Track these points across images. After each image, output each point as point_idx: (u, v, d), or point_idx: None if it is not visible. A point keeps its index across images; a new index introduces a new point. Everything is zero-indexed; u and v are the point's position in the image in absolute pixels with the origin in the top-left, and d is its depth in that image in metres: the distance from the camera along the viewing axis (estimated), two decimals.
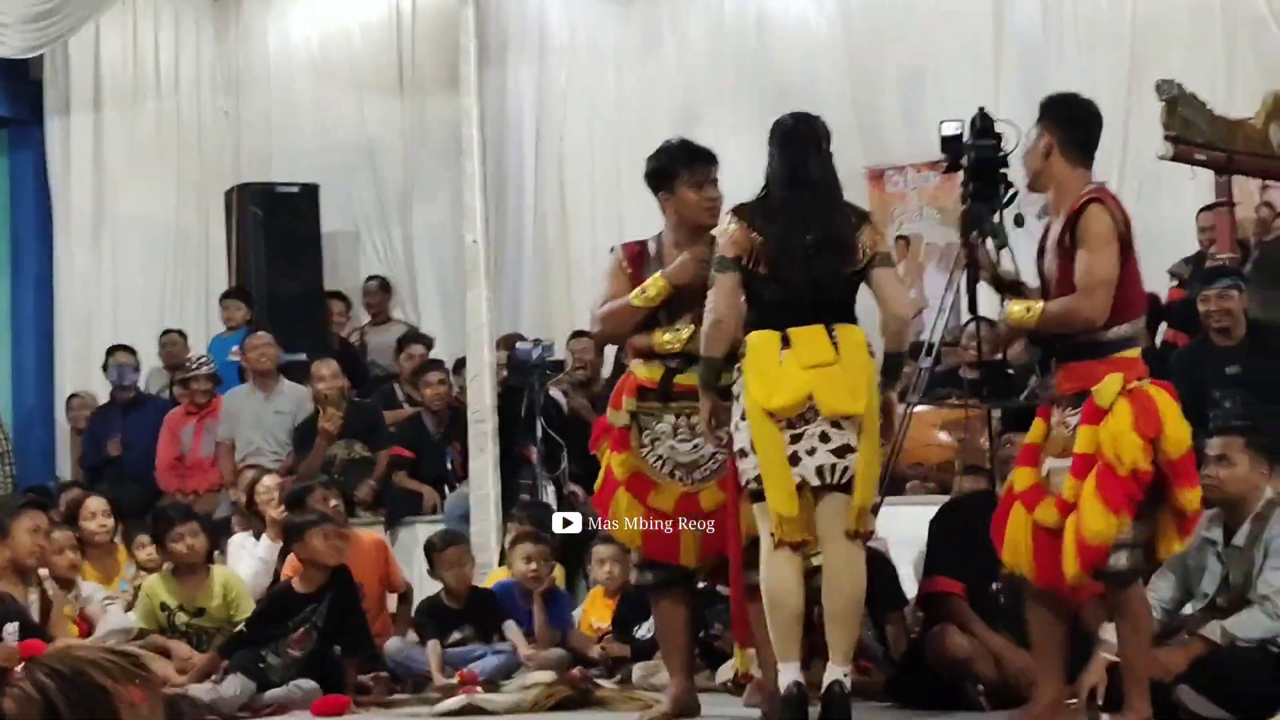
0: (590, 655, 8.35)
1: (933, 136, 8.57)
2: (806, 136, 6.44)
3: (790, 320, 6.22)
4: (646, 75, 12.83)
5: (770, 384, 6.16)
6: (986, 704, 6.82)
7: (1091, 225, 5.75)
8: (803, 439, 6.18)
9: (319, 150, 13.82)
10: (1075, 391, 5.78)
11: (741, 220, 6.28)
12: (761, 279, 6.26)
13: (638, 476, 6.64)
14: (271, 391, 11.22)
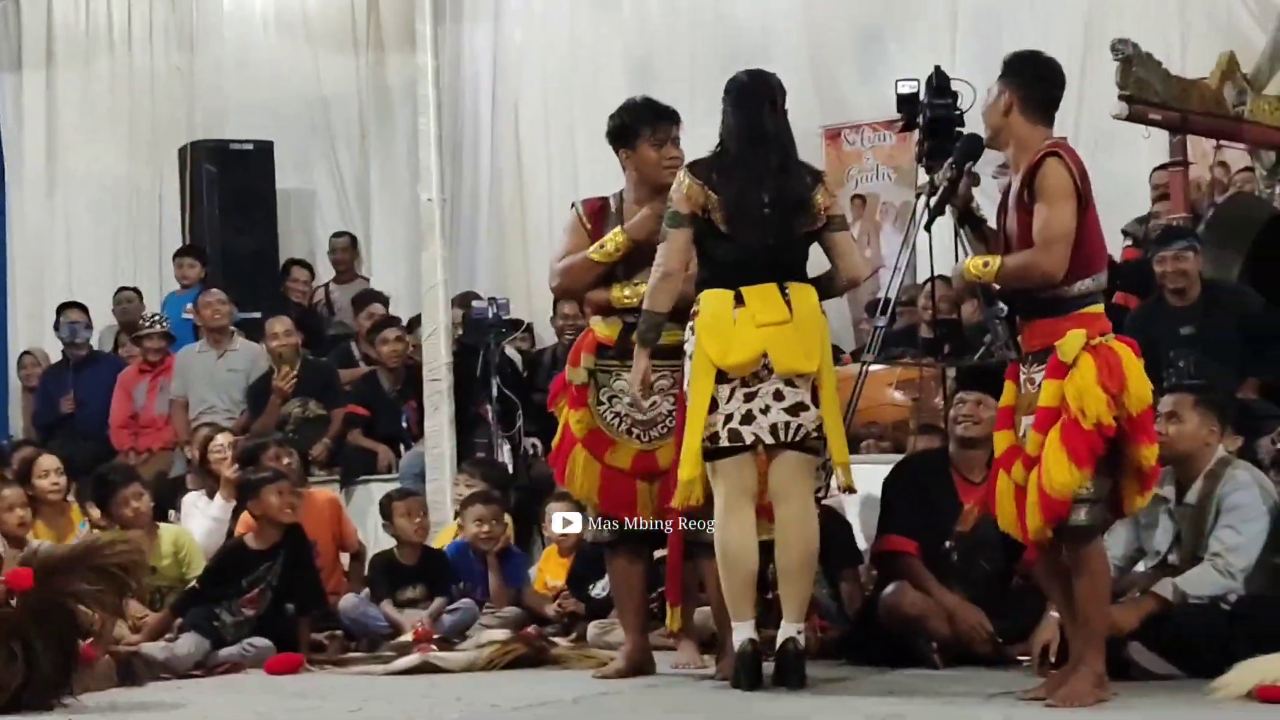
0: (545, 614, 8.36)
1: (889, 96, 8.59)
2: (762, 93, 6.42)
3: (744, 279, 6.22)
4: (602, 34, 12.79)
5: (724, 342, 6.17)
6: (939, 661, 6.85)
7: (1049, 179, 5.74)
8: (756, 397, 6.20)
9: (274, 107, 13.74)
10: (1041, 348, 5.78)
11: (696, 177, 6.27)
12: (716, 236, 6.25)
13: (595, 434, 6.65)
14: (225, 349, 11.16)
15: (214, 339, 11.19)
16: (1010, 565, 7.08)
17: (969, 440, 7.13)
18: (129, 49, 14.34)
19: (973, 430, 7.11)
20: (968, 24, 11.49)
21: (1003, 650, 6.87)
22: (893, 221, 11.78)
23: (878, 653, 6.97)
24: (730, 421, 6.22)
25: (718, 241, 6.25)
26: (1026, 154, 5.86)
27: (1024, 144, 5.90)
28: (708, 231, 6.26)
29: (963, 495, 7.11)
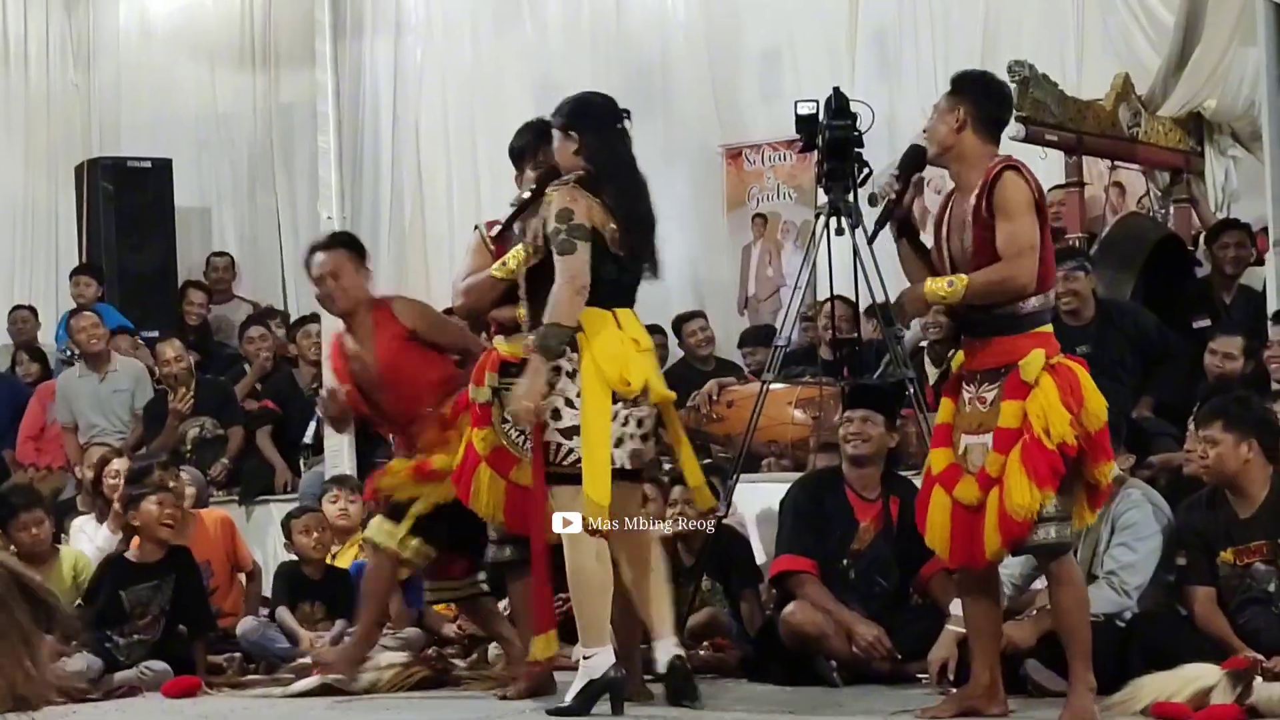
0: (445, 634, 8.33)
1: (789, 115, 8.63)
2: (619, 114, 6.40)
3: (617, 300, 6.23)
4: (503, 52, 12.78)
5: (623, 365, 6.14)
6: (839, 679, 6.88)
7: (1010, 193, 5.70)
8: (628, 423, 6.20)
9: (171, 124, 13.66)
10: (994, 366, 5.73)
11: (590, 193, 6.20)
12: (606, 255, 6.19)
13: (500, 452, 6.59)
14: (106, 371, 11.00)
15: (92, 362, 11.04)
16: (905, 584, 7.14)
17: (858, 459, 7.17)
18: (24, 65, 14.20)
19: (861, 448, 7.15)
20: (866, 45, 11.57)
21: (902, 668, 6.91)
22: (794, 240, 11.84)
23: (778, 672, 7.00)
24: (620, 445, 6.19)
25: (608, 260, 6.20)
26: (976, 171, 5.80)
27: (973, 162, 5.85)
28: (603, 250, 6.20)
29: (858, 513, 7.15)
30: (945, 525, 5.81)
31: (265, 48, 13.59)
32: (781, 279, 11.73)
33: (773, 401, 8.61)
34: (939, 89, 10.93)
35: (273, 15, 13.55)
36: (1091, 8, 10.75)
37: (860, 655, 6.91)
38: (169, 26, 14.03)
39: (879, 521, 7.13)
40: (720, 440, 9.34)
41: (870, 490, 7.16)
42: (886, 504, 7.14)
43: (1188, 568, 6.54)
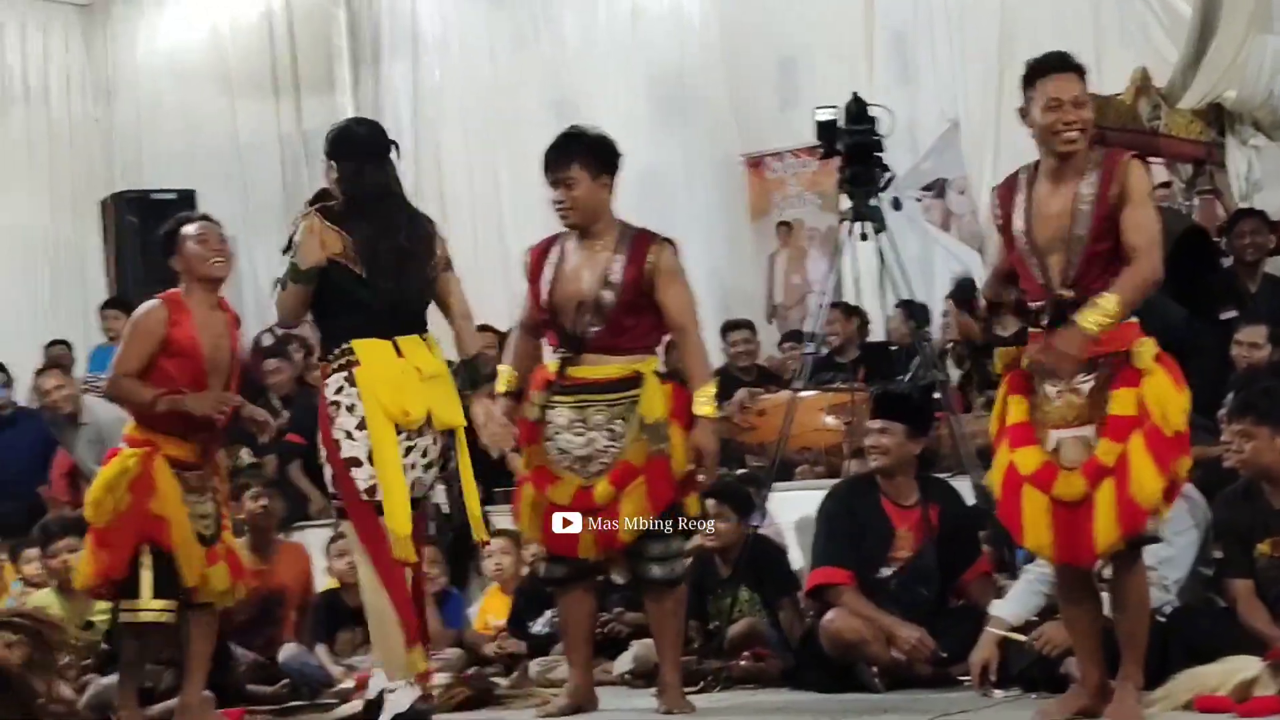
0: (486, 654, 8.34)
1: (809, 122, 8.63)
2: (383, 144, 6.36)
3: (395, 329, 6.17)
4: (521, 69, 12.83)
5: (402, 395, 6.11)
6: (881, 685, 6.87)
7: (1140, 181, 5.55)
8: (411, 453, 6.16)
9: (195, 155, 13.74)
10: (1091, 357, 5.48)
11: (331, 222, 6.15)
12: (358, 283, 6.14)
13: (541, 470, 6.51)
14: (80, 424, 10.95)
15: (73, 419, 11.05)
16: (946, 590, 7.12)
17: (879, 470, 7.15)
18: (46, 102, 14.33)
19: (879, 460, 7.11)
20: (884, 48, 11.58)
21: (943, 672, 6.90)
22: (819, 247, 11.84)
23: (819, 680, 6.98)
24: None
25: (356, 288, 6.15)
26: (1081, 158, 5.58)
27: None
28: (352, 277, 6.15)
29: (895, 520, 7.11)
30: (1046, 525, 5.54)
31: (286, 76, 13.64)
32: (808, 286, 11.74)
33: (804, 409, 8.61)
34: (957, 90, 11.12)
35: (293, 43, 13.60)
36: (1108, 2, 10.75)
37: (902, 660, 6.89)
38: (189, 58, 14.11)
39: (919, 529, 7.09)
40: (753, 449, 9.34)
41: (906, 497, 7.13)
42: (925, 511, 7.11)
43: (1225, 561, 6.50)
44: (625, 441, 6.34)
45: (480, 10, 13.07)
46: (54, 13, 14.53)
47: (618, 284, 6.35)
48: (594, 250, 6.46)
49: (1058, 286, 5.54)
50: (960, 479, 8.20)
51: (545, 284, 6.50)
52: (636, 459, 6.32)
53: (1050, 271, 5.56)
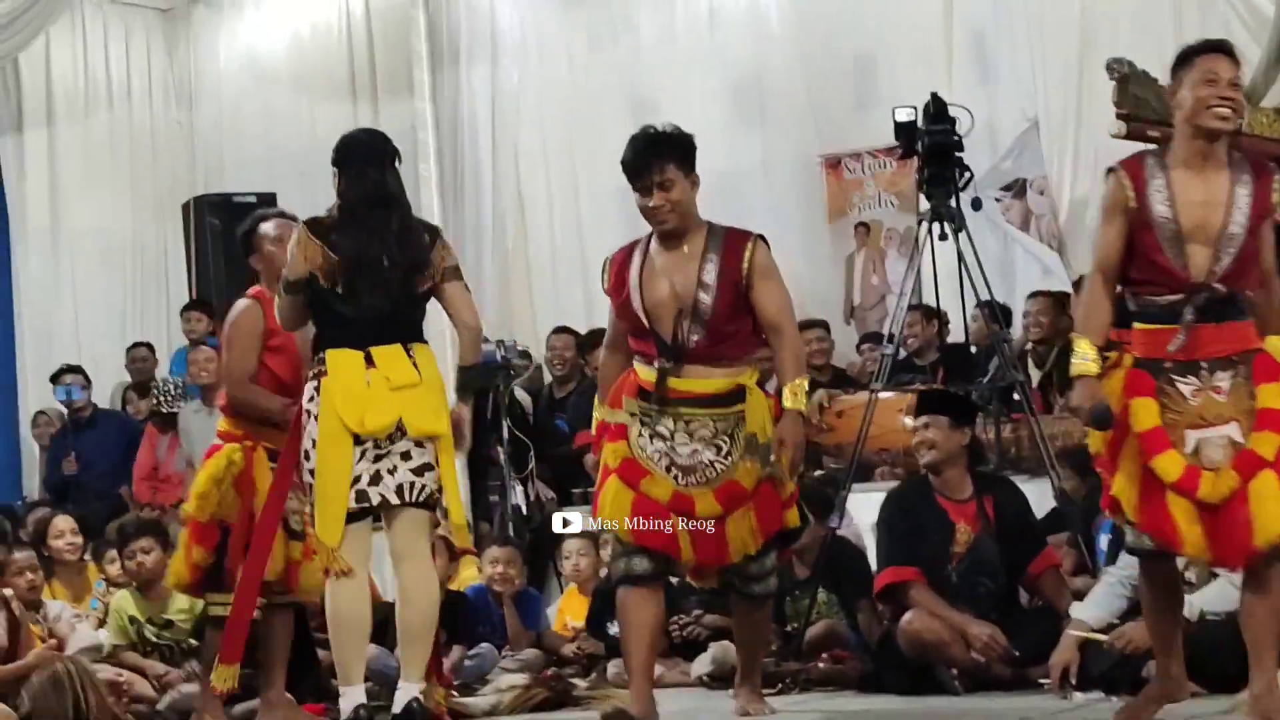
0: (564, 654, 8.35)
1: (888, 123, 8.60)
2: (381, 153, 6.41)
3: (370, 339, 6.20)
4: (599, 72, 12.82)
5: (361, 405, 6.15)
6: (960, 687, 6.84)
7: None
8: (385, 458, 6.19)
9: (275, 158, 13.80)
10: (1228, 354, 5.40)
11: (313, 235, 6.24)
12: (335, 295, 6.22)
13: (630, 464, 6.32)
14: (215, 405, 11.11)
15: (206, 395, 11.18)
16: (1012, 585, 7.09)
17: (930, 466, 7.13)
18: (128, 105, 14.42)
19: (928, 455, 7.12)
20: (963, 48, 11.51)
21: (1022, 673, 6.86)
22: (897, 248, 11.79)
23: (898, 682, 6.96)
24: (358, 483, 6.19)
25: (339, 300, 6.22)
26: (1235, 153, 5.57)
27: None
28: (329, 291, 6.22)
29: (952, 515, 7.10)
30: (1199, 532, 5.39)
31: (365, 78, 13.69)
32: (886, 287, 11.69)
33: (883, 409, 8.58)
34: (1037, 89, 11.05)
35: (372, 46, 13.65)
36: (1189, 1, 10.66)
37: (981, 661, 6.87)
38: (269, 61, 14.19)
39: (976, 522, 7.08)
40: (831, 450, 9.32)
41: (960, 492, 7.12)
42: (981, 503, 7.10)
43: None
44: (732, 459, 6.19)
45: (558, 12, 13.08)
46: (135, 17, 14.64)
47: (713, 285, 6.17)
48: (682, 253, 6.26)
49: (1200, 277, 5.40)
50: (1040, 481, 8.17)
51: (634, 293, 6.28)
52: (746, 481, 6.17)
53: (1192, 261, 5.42)
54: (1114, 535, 7.00)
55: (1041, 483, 8.14)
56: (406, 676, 6.24)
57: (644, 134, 6.35)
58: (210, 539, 6.80)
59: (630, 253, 6.41)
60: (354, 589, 6.19)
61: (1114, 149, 9.95)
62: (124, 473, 11.66)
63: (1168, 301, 5.44)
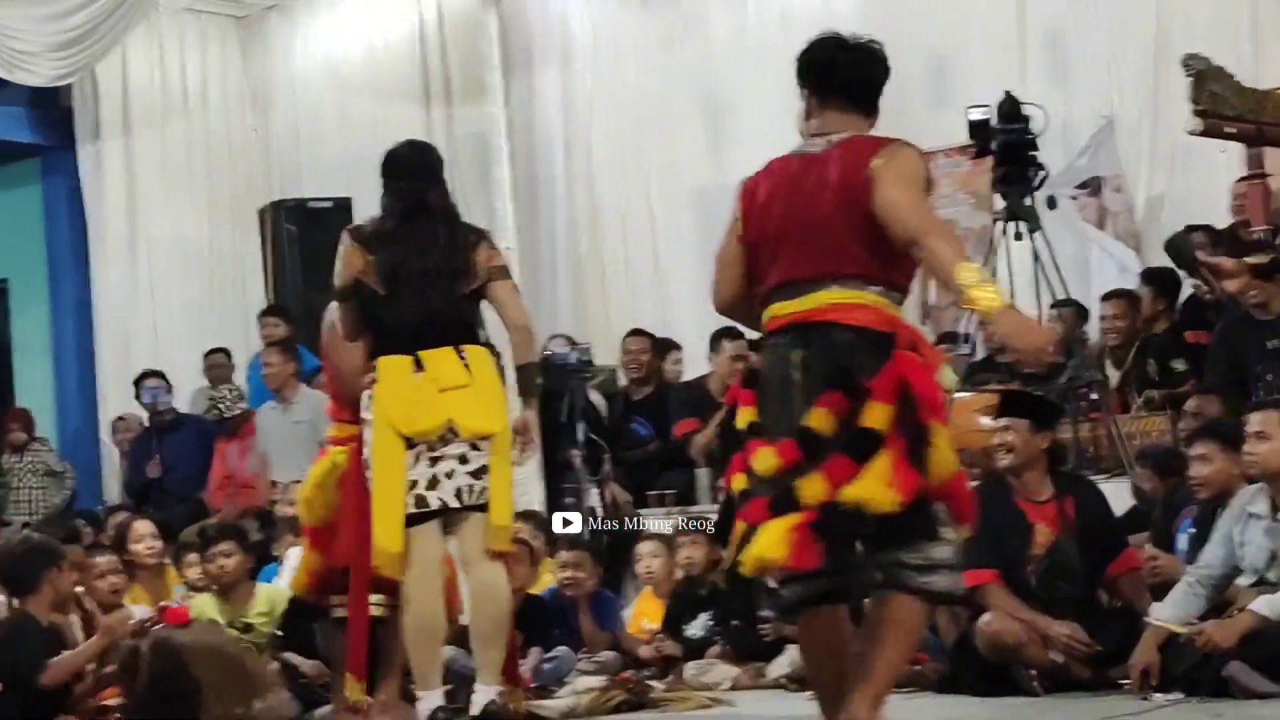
0: (641, 656, 8.36)
1: (962, 122, 8.58)
2: (423, 166, 6.50)
3: (420, 343, 6.25)
4: (671, 73, 12.82)
5: (408, 409, 6.20)
6: (1040, 688, 6.80)
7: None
8: (441, 462, 6.22)
9: (350, 164, 13.84)
10: None
11: (356, 243, 6.35)
12: (380, 301, 6.29)
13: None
14: (289, 403, 11.24)
15: (280, 396, 11.29)
16: (1092, 587, 7.04)
17: (1009, 469, 7.08)
18: (204, 112, 14.55)
19: (1007, 460, 7.06)
20: (1037, 46, 11.45)
21: (1103, 674, 6.82)
22: (972, 247, 11.73)
23: (976, 683, 6.93)
24: (416, 488, 6.22)
25: (383, 307, 6.29)
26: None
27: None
28: (375, 298, 6.30)
29: (1031, 516, 7.05)
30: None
31: (438, 83, 13.75)
32: None
33: (960, 410, 8.51)
34: (1112, 87, 10.96)
35: (445, 51, 13.70)
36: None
37: (1060, 662, 6.83)
38: (344, 68, 14.26)
39: (1055, 523, 7.03)
40: None
41: (1040, 493, 7.07)
42: (1061, 505, 7.05)
43: None
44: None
45: (630, 15, 13.10)
46: (211, 25, 14.75)
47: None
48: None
49: None
50: (1119, 480, 8.12)
51: None
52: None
53: None
54: (1193, 535, 6.97)
55: (1120, 482, 8.10)
56: (483, 679, 6.28)
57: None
58: (323, 542, 6.87)
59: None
60: (427, 593, 6.23)
61: (1190, 145, 9.93)
62: (204, 476, 11.76)
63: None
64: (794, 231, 4.93)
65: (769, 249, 4.97)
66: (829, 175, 4.97)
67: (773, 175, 5.10)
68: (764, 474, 4.81)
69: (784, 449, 4.80)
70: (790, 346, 4.87)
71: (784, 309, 4.91)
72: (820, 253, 4.89)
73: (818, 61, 5.41)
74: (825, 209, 4.91)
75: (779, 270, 4.93)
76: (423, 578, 6.23)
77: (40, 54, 13.14)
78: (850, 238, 4.88)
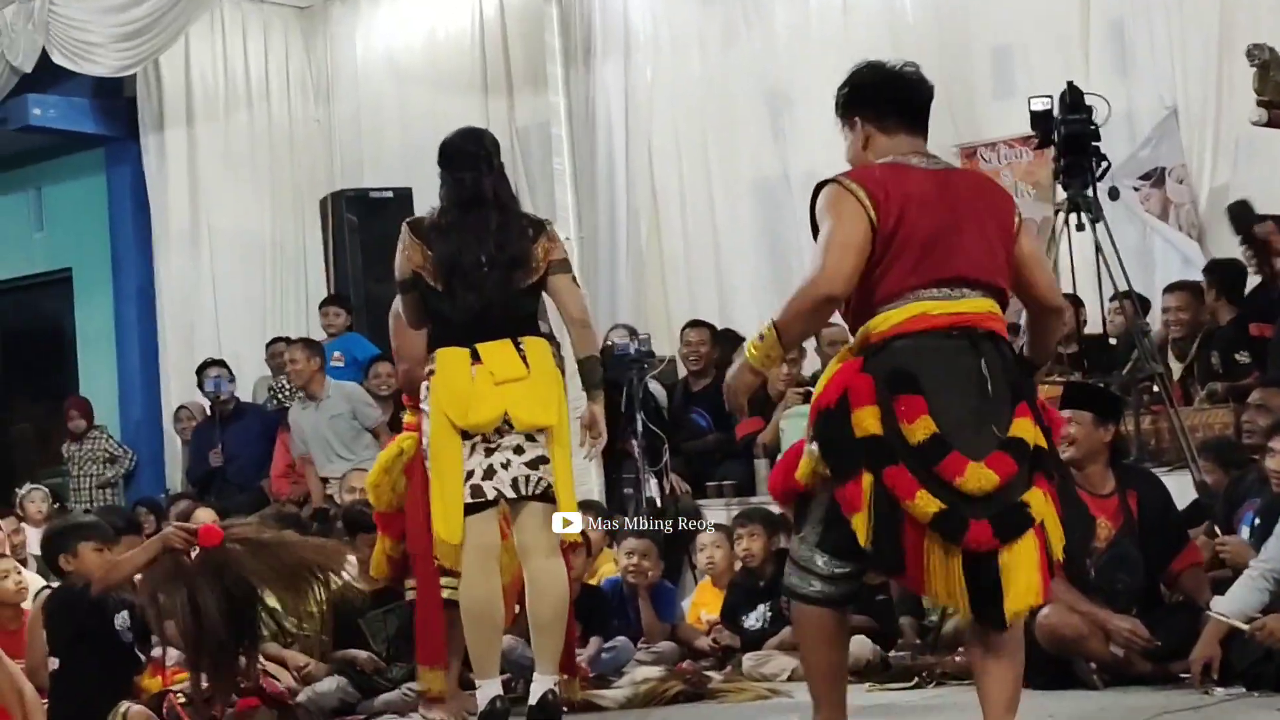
0: (699, 647, 8.36)
1: (1024, 112, 8.53)
2: (476, 155, 6.48)
3: (476, 335, 6.26)
4: (732, 64, 12.79)
5: (464, 401, 6.21)
6: (1100, 681, 6.77)
7: None
8: (497, 452, 6.25)
9: (410, 154, 13.88)
10: None
11: (415, 235, 6.37)
12: (437, 295, 6.31)
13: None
14: (318, 399, 11.27)
15: (309, 393, 11.32)
16: (1153, 580, 6.99)
17: (1071, 462, 7.02)
18: (267, 103, 14.61)
19: (1069, 452, 6.98)
20: (1100, 37, 11.37)
21: (1163, 668, 6.78)
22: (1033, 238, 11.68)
23: (1035, 677, 6.88)
24: (472, 478, 6.24)
25: (440, 299, 6.31)
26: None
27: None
28: (433, 290, 6.32)
29: (1093, 509, 7.00)
30: None
31: (499, 74, 13.76)
32: None
33: None
34: (1176, 77, 10.89)
35: (506, 42, 13.72)
36: None
37: (1120, 655, 6.79)
38: (405, 59, 14.30)
39: (1117, 517, 6.98)
40: None
41: (1101, 487, 7.01)
42: (1124, 499, 7.00)
43: None
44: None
45: (691, 5, 13.07)
46: (274, 16, 14.81)
47: None
48: None
49: None
50: (1180, 473, 8.08)
51: None
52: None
53: None
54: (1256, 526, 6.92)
55: (1181, 475, 8.05)
56: (540, 669, 6.30)
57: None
58: (394, 527, 6.93)
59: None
60: (485, 583, 6.25)
61: (1254, 136, 9.85)
62: (266, 465, 11.84)
63: None
64: (960, 230, 4.79)
65: (917, 245, 4.75)
66: (978, 196, 4.93)
67: (904, 177, 4.88)
68: (975, 492, 4.58)
69: (998, 463, 4.63)
70: (963, 351, 4.72)
71: (941, 308, 4.72)
72: (984, 259, 4.82)
73: (892, 85, 5.23)
74: (988, 223, 4.84)
75: (931, 267, 4.74)
76: (480, 567, 6.25)
77: (105, 45, 13.22)
78: (1004, 258, 4.85)
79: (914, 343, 4.68)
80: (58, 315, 15.40)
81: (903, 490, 4.55)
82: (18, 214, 15.32)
